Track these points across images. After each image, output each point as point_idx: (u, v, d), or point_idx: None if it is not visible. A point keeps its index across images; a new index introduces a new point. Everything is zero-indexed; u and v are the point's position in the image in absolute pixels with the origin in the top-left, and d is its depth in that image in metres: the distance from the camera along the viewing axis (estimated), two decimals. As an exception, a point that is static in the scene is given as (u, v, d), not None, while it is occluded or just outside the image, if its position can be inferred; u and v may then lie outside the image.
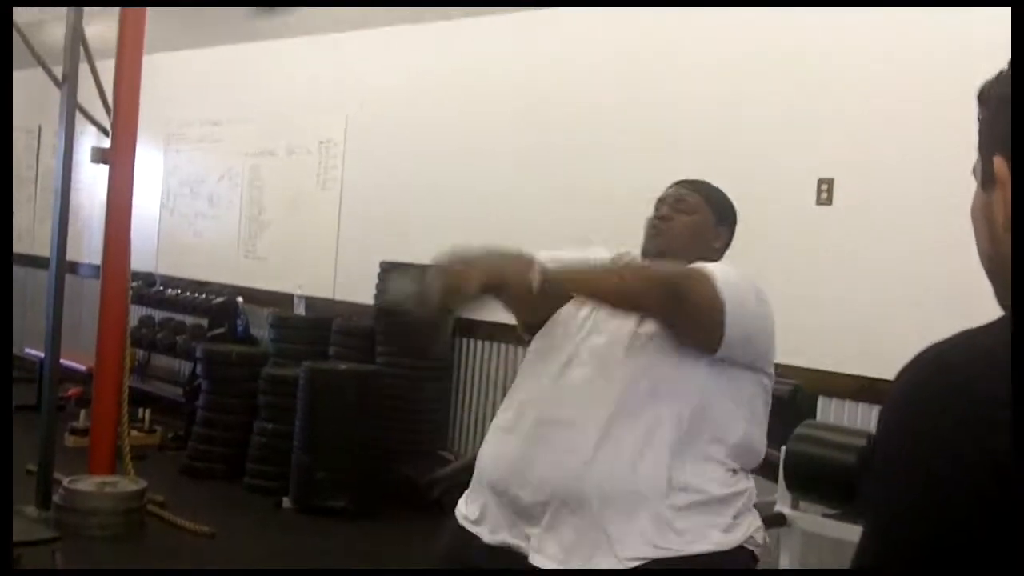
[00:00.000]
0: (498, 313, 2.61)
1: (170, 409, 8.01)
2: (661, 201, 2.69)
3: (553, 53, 6.46)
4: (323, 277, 7.64)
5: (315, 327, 7.15)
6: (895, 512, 0.99)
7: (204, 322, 8.06)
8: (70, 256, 6.04)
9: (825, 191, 5.23)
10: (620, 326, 2.43)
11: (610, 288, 2.41)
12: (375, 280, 6.77)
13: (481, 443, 2.57)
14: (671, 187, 2.72)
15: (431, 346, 6.56)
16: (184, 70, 8.69)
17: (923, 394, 0.99)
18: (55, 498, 5.32)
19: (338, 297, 7.54)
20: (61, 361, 5.93)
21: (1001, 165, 1.05)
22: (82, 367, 7.38)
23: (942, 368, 0.99)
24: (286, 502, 6.22)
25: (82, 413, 7.21)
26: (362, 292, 7.00)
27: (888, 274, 4.97)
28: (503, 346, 6.43)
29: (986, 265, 1.11)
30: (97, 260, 6.09)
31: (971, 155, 1.12)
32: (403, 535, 5.79)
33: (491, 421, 2.57)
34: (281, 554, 5.57)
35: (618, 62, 6.13)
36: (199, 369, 7.26)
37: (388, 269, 6.72)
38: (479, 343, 6.68)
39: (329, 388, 6.34)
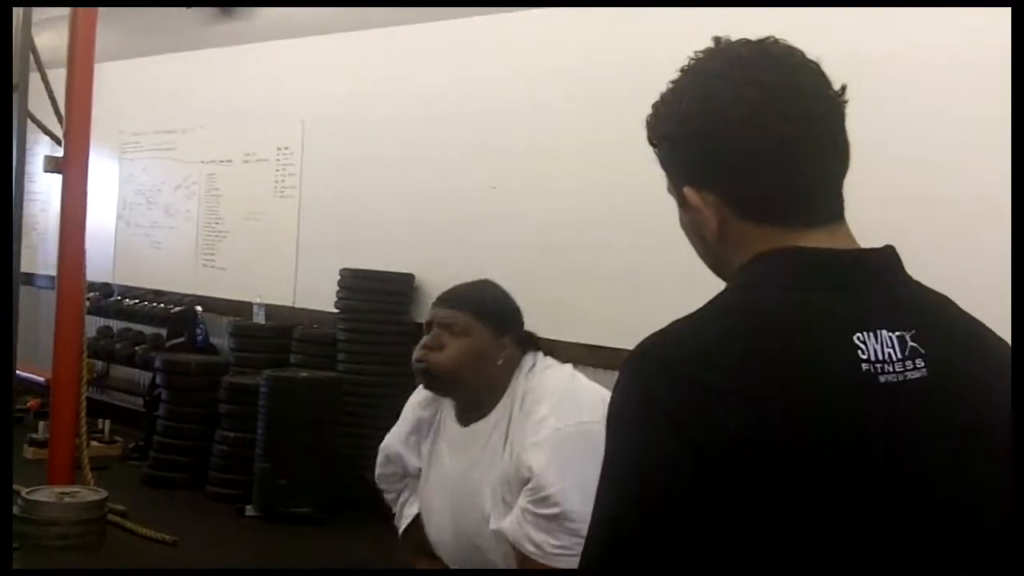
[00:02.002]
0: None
1: (130, 419, 7.96)
2: (428, 324, 2.51)
3: (511, 59, 6.45)
4: (283, 285, 7.61)
5: (275, 335, 7.13)
6: (613, 480, 1.16)
7: (163, 332, 8.00)
8: (25, 268, 5.98)
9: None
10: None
11: None
12: (335, 287, 6.76)
13: None
14: (435, 306, 2.52)
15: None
16: (137, 78, 8.61)
17: (629, 382, 1.18)
18: (14, 509, 5.26)
19: (298, 305, 7.50)
20: (19, 373, 5.88)
21: (691, 194, 1.26)
22: (40, 379, 7.31)
23: (646, 356, 1.19)
24: (249, 509, 6.20)
25: (41, 425, 7.14)
26: (322, 300, 6.97)
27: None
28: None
29: (710, 268, 1.33)
30: (53, 271, 6.03)
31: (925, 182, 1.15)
32: (366, 540, 5.77)
33: None
34: (245, 561, 5.54)
35: (580, 68, 6.11)
36: (159, 379, 7.21)
37: (348, 276, 6.71)
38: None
39: (290, 396, 6.32)
